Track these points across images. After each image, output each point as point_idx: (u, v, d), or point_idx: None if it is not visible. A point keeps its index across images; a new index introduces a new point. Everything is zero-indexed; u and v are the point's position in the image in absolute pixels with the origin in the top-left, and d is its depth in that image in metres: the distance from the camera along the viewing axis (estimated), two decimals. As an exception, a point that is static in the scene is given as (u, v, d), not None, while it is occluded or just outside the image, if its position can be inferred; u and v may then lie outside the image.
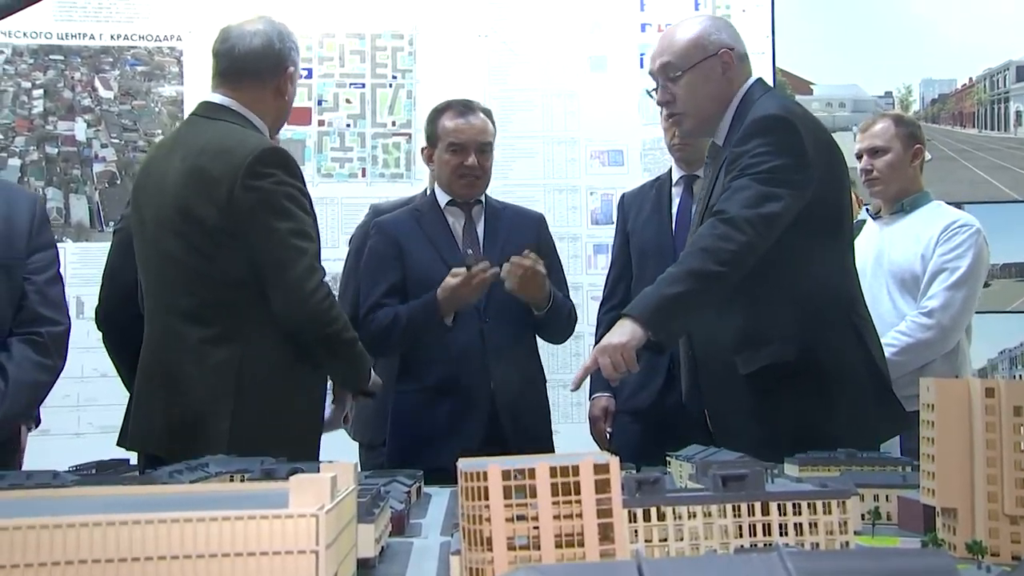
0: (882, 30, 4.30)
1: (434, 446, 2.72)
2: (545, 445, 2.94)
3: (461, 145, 2.88)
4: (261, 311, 2.30)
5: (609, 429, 3.16)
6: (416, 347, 2.87)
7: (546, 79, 4.30)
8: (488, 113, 2.97)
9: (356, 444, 3.30)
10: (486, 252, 2.90)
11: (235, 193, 2.25)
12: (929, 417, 1.35)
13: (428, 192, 3.28)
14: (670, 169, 3.25)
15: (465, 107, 2.93)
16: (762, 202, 2.22)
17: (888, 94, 4.37)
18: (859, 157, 3.26)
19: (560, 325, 2.99)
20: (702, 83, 2.42)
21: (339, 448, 2.79)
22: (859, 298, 2.48)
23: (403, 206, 3.25)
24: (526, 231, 2.99)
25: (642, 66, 4.28)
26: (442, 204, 2.96)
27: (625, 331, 2.18)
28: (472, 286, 2.71)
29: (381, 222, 3.02)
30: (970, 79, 4.38)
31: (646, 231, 3.17)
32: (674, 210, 3.16)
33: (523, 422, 2.88)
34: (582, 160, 4.31)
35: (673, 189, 3.20)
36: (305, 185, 2.38)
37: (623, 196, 3.35)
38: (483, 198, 2.98)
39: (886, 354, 2.88)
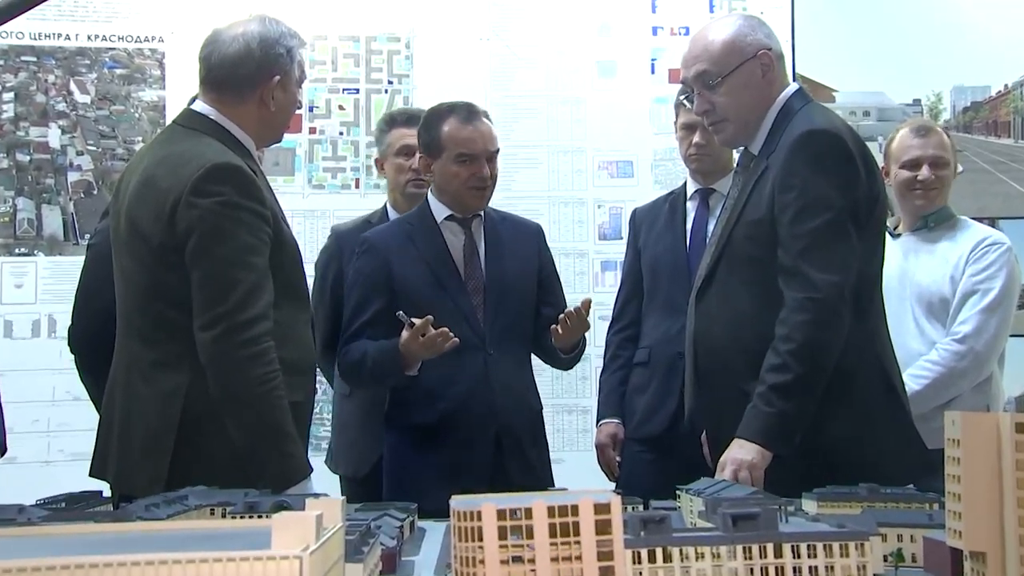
0: (910, 33, 4.32)
1: (437, 487, 2.70)
2: (546, 478, 2.94)
3: (473, 155, 2.84)
4: None
5: (618, 458, 3.16)
6: (416, 379, 2.82)
7: (551, 85, 4.32)
8: (487, 116, 2.94)
9: (336, 477, 3.31)
10: (488, 269, 2.90)
11: (178, 210, 2.21)
12: (955, 453, 1.35)
13: (385, 208, 3.35)
14: (684, 183, 3.27)
15: (470, 112, 2.88)
16: (841, 263, 2.27)
17: (916, 102, 4.38)
18: (916, 165, 3.20)
19: (574, 359, 3.00)
20: (742, 88, 2.42)
21: (317, 481, 2.77)
22: (884, 327, 2.48)
23: (363, 225, 3.31)
24: (527, 245, 3.00)
25: (653, 72, 4.31)
26: (439, 219, 2.92)
27: (752, 450, 2.23)
28: (421, 344, 2.65)
29: (369, 238, 2.97)
30: (1005, 86, 4.40)
31: (658, 247, 3.18)
32: (688, 225, 3.17)
33: (527, 456, 2.88)
34: (589, 171, 4.32)
35: (688, 203, 3.21)
36: (264, 204, 2.30)
37: (635, 211, 3.37)
38: (481, 211, 2.97)
39: (917, 386, 2.92)
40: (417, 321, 2.63)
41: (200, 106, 2.43)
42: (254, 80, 2.40)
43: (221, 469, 2.13)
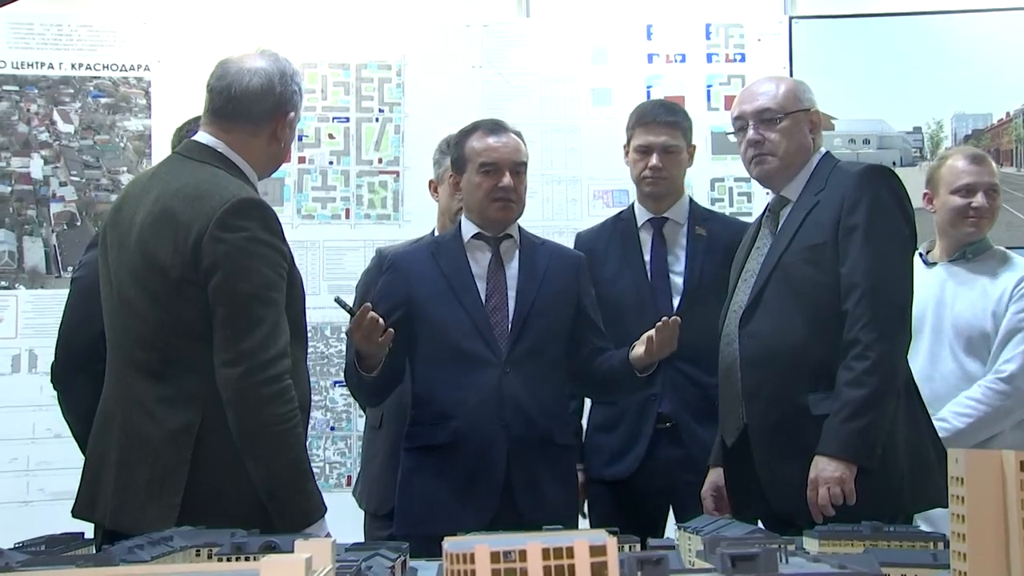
0: (910, 60, 4.35)
1: (443, 515, 2.69)
2: (568, 523, 2.82)
3: (494, 165, 2.85)
4: None
5: (586, 501, 3.14)
6: (430, 398, 2.83)
7: (545, 113, 4.35)
8: (519, 134, 2.95)
9: (362, 513, 3.29)
10: (519, 289, 2.86)
11: (202, 243, 2.23)
12: (959, 492, 1.35)
13: (434, 233, 3.29)
14: (631, 208, 3.28)
15: (496, 125, 2.94)
16: (906, 282, 2.56)
17: (917, 130, 4.40)
18: (971, 192, 3.25)
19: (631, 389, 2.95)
20: (795, 131, 2.73)
21: (342, 518, 2.73)
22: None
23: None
24: (566, 272, 2.94)
25: (649, 99, 4.33)
26: (467, 237, 2.91)
27: (840, 466, 2.44)
28: (361, 333, 2.63)
29: (393, 256, 3.01)
30: (1007, 113, 4.41)
31: (619, 285, 3.15)
32: (647, 257, 3.18)
33: (542, 492, 2.78)
34: (584, 201, 4.34)
35: (641, 233, 3.22)
36: (284, 241, 2.34)
37: (578, 236, 3.38)
38: (516, 233, 2.93)
39: (960, 424, 3.05)
40: (370, 313, 2.62)
41: (205, 138, 2.44)
42: (272, 115, 2.44)
43: (234, 508, 2.15)
